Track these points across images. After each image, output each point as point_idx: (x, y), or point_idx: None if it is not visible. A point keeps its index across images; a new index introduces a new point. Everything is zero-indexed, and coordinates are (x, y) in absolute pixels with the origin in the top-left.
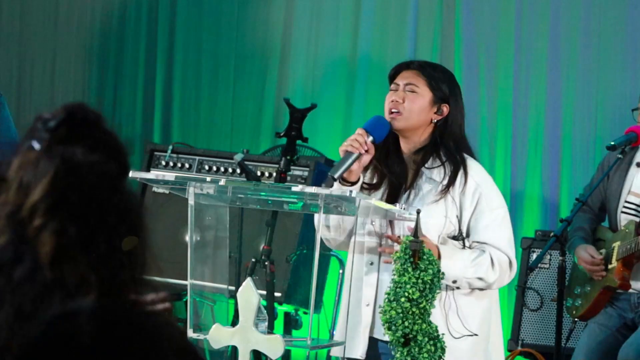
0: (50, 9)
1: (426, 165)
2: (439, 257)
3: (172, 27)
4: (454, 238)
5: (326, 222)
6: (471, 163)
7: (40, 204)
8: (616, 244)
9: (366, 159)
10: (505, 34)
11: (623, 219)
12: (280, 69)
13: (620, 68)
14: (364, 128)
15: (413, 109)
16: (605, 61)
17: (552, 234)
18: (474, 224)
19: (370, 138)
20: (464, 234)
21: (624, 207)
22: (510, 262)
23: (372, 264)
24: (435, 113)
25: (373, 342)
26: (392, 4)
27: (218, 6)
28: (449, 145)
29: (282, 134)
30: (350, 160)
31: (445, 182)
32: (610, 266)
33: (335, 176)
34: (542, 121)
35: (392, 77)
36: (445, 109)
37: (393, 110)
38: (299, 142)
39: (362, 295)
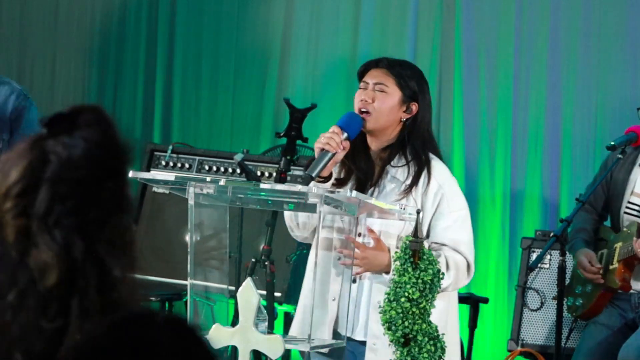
0: (50, 9)
1: (392, 164)
2: (390, 260)
3: (172, 27)
4: None
5: (295, 220)
6: (435, 163)
7: (12, 188)
8: (618, 245)
9: (340, 155)
10: (505, 34)
11: (626, 220)
12: (280, 69)
13: (620, 68)
14: (339, 126)
15: (382, 109)
16: (605, 61)
17: (552, 234)
18: (434, 225)
19: (345, 135)
20: (424, 235)
21: (627, 207)
22: (468, 265)
23: (339, 259)
24: (404, 112)
25: (337, 336)
26: (392, 4)
27: (218, 6)
28: (416, 144)
29: (282, 134)
30: (326, 159)
31: (408, 182)
32: (611, 267)
33: (313, 175)
34: (542, 121)
35: (361, 75)
36: (414, 107)
37: (362, 110)
38: (299, 142)
39: (329, 289)
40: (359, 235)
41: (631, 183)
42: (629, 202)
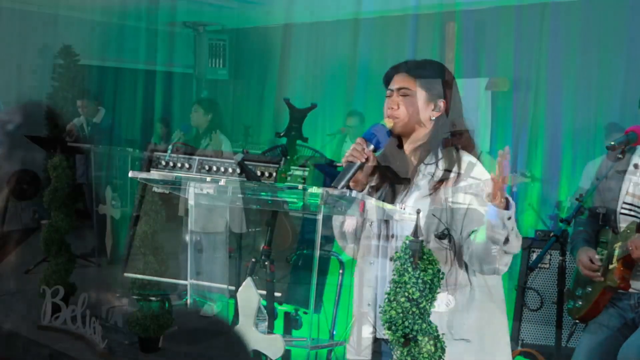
0: (50, 9)
1: (425, 162)
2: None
3: (171, 27)
4: (441, 235)
5: (342, 228)
6: (466, 158)
7: None
8: (617, 245)
9: (368, 167)
10: (505, 34)
11: (622, 220)
12: (280, 69)
13: (620, 68)
14: (363, 137)
15: (408, 112)
16: (605, 61)
17: (552, 234)
18: (479, 209)
19: (371, 147)
20: (451, 230)
21: (623, 208)
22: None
23: (371, 263)
24: (433, 110)
25: (376, 342)
26: (392, 3)
27: None
28: (447, 141)
29: (282, 134)
30: (352, 170)
31: (437, 178)
32: (611, 266)
33: (339, 187)
34: (542, 121)
35: (387, 83)
36: (442, 104)
37: (390, 117)
38: (299, 142)
39: (363, 295)
40: (392, 236)
41: (626, 184)
42: (624, 203)
